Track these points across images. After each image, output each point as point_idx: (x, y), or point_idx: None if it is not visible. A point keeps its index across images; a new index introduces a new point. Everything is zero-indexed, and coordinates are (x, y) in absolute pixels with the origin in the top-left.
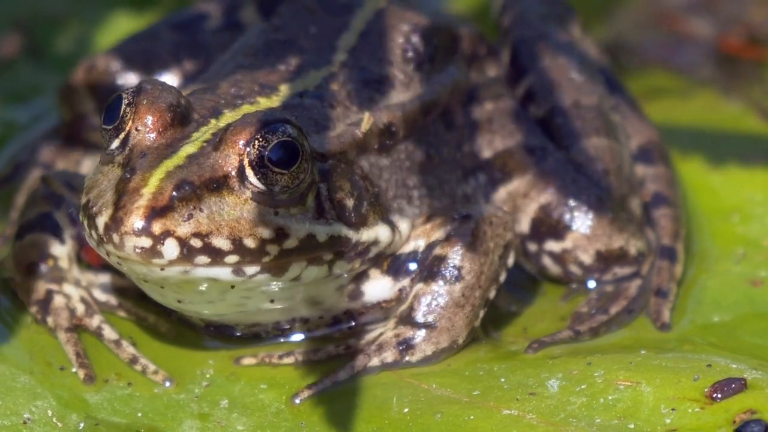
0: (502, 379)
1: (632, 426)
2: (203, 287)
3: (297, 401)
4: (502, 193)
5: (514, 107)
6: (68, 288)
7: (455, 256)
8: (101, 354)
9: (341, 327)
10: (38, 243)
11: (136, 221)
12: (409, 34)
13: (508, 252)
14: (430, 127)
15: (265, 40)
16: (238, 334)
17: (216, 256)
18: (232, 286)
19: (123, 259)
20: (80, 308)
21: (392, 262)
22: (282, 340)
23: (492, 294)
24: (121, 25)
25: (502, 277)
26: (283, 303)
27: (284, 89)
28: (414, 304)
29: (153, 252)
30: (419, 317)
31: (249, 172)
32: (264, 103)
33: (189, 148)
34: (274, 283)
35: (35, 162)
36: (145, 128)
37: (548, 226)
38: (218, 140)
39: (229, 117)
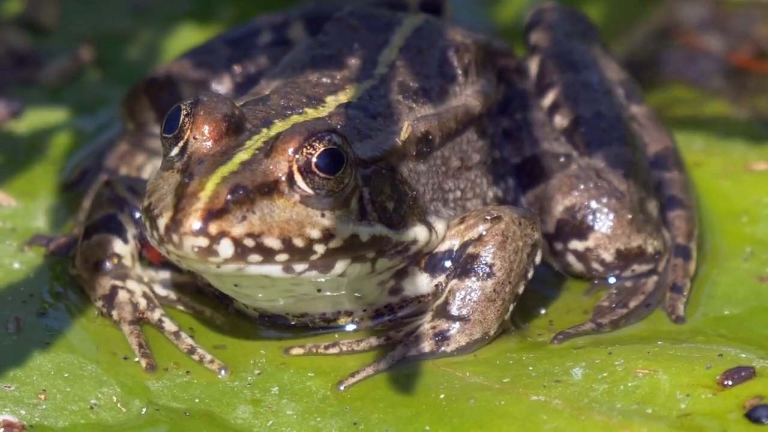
0: (530, 368)
1: (650, 411)
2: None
3: (341, 388)
4: (530, 196)
5: (540, 117)
6: (131, 284)
7: (487, 254)
8: (161, 345)
9: (382, 319)
10: (104, 242)
11: (194, 223)
12: (444, 49)
13: (536, 251)
14: (464, 135)
15: (311, 55)
16: (292, 323)
17: (267, 254)
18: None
19: (182, 257)
20: (142, 302)
21: (429, 260)
22: (328, 331)
23: (521, 289)
24: (183, 41)
25: (530, 274)
26: (329, 292)
27: (330, 101)
28: (449, 298)
29: (209, 251)
30: (454, 311)
31: (298, 177)
32: (311, 113)
33: (242, 155)
34: (321, 278)
35: (101, 168)
36: (202, 137)
37: (572, 227)
38: (269, 148)
39: (279, 126)
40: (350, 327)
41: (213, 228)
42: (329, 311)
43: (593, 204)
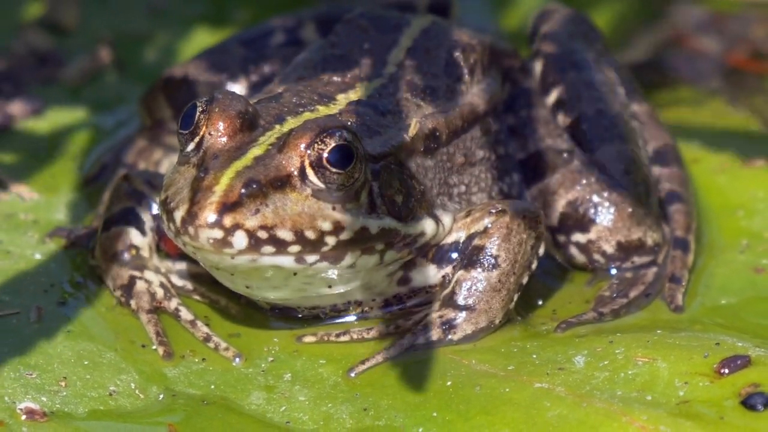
0: (534, 356)
1: (649, 398)
2: (269, 274)
3: (352, 375)
4: (534, 191)
5: (544, 115)
6: (149, 274)
7: (492, 246)
8: (178, 333)
9: (391, 309)
10: (122, 234)
11: (209, 215)
12: (451, 49)
13: (539, 243)
14: (470, 132)
15: (323, 55)
16: (299, 315)
17: (280, 246)
18: (295, 273)
19: (198, 248)
20: (160, 292)
21: (436, 252)
22: (339, 320)
23: (525, 280)
24: (199, 42)
25: (534, 265)
26: (340, 288)
27: (341, 98)
28: (456, 288)
29: (224, 243)
30: (460, 300)
31: (309, 172)
32: (323, 110)
33: (256, 151)
34: (332, 270)
35: (119, 163)
36: (217, 133)
37: (575, 220)
38: (282, 144)
39: (291, 123)
40: (360, 316)
41: (227, 220)
42: (340, 302)
43: (595, 198)
